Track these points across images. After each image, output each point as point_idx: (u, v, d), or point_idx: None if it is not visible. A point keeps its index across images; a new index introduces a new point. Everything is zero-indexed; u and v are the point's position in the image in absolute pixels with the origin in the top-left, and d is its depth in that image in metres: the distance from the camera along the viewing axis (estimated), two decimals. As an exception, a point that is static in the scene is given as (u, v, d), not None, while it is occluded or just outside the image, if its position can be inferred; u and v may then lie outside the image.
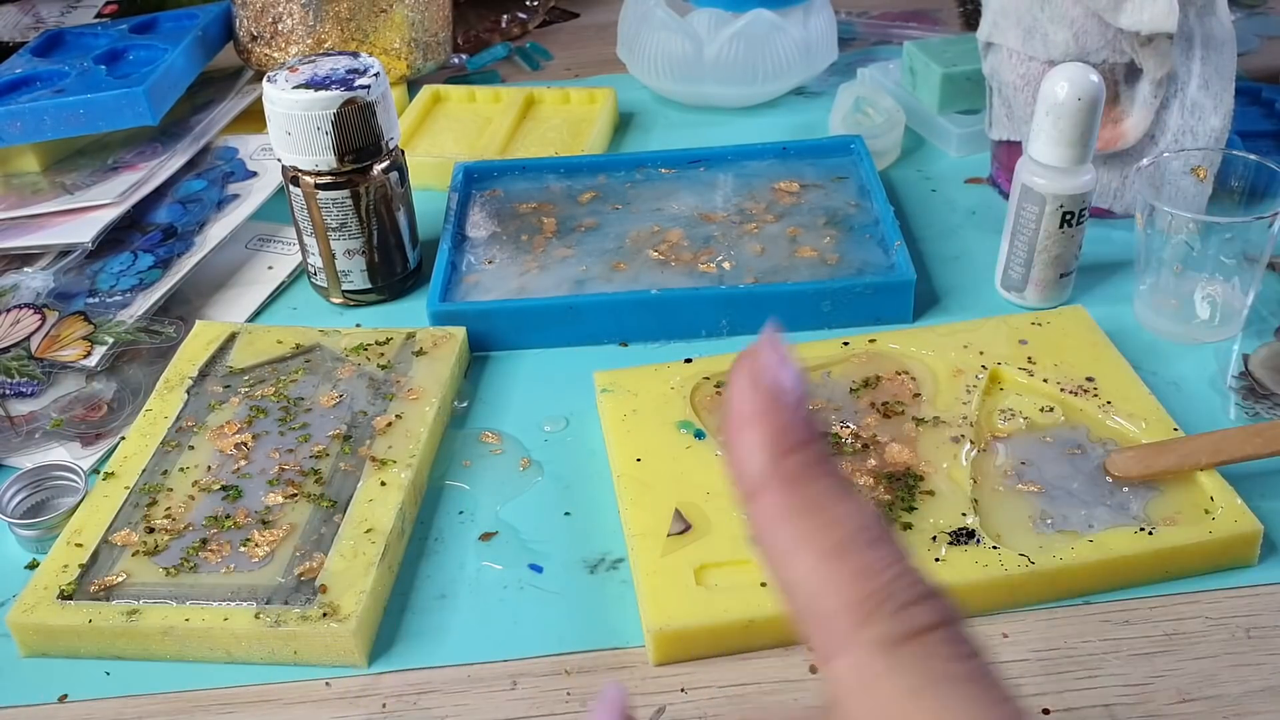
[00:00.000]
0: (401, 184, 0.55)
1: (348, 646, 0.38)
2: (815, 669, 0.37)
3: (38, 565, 0.43)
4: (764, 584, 0.38)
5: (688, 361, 0.49)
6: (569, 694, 0.37)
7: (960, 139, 0.65)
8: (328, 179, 0.52)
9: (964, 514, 0.40)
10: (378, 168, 0.53)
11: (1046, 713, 0.35)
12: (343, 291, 0.56)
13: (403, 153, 0.55)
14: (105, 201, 0.59)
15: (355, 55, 0.53)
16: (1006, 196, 0.58)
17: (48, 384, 0.51)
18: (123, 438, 0.47)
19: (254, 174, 0.63)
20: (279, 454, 0.45)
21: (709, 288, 0.53)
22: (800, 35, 0.69)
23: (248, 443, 0.46)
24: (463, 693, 0.37)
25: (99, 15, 0.82)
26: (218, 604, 0.39)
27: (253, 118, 0.68)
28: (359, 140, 0.52)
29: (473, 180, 0.62)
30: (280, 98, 0.51)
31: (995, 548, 0.39)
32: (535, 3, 0.87)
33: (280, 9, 0.69)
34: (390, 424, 0.46)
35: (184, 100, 0.67)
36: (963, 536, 0.39)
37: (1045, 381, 0.46)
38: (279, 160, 0.53)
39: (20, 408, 0.50)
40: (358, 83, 0.51)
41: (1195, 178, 0.52)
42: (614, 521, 0.43)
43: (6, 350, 0.52)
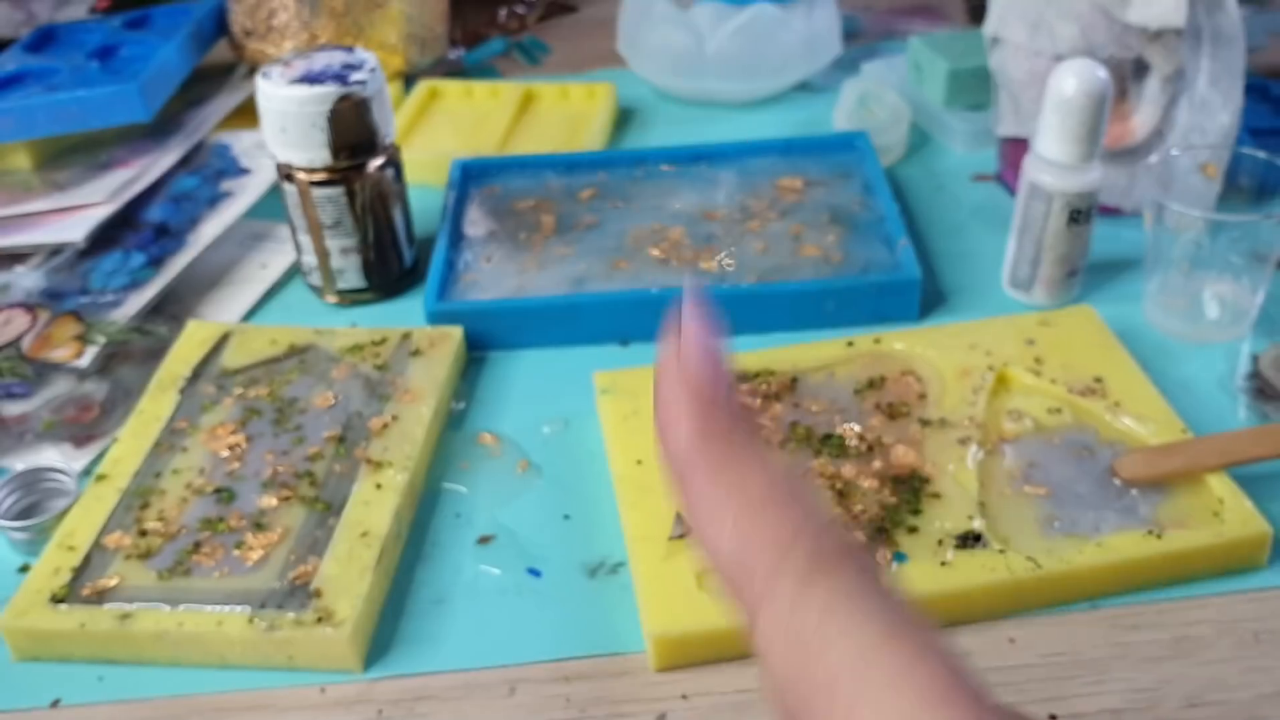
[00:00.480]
0: (397, 181, 0.54)
1: (343, 652, 0.37)
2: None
3: (29, 569, 0.42)
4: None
5: (689, 361, 0.48)
6: (568, 700, 0.37)
7: (966, 135, 0.65)
8: (322, 176, 0.52)
9: (971, 517, 0.40)
10: (373, 164, 0.53)
11: (1054, 718, 0.35)
12: (337, 290, 0.55)
13: (399, 149, 0.55)
14: (97, 199, 0.59)
15: (350, 50, 0.53)
16: (1014, 194, 0.58)
17: (39, 385, 0.50)
18: (115, 439, 0.46)
19: (247, 171, 0.62)
20: (273, 456, 0.45)
21: (711, 287, 0.52)
22: (803, 30, 0.68)
23: (241, 444, 0.45)
24: (460, 699, 0.37)
25: (92, 11, 0.82)
26: (211, 608, 0.38)
27: (246, 114, 0.67)
28: (354, 136, 0.51)
29: (470, 177, 0.62)
30: (274, 94, 0.50)
31: (1002, 551, 0.39)
32: (534, -3, 0.87)
33: (274, 4, 0.69)
34: (386, 425, 0.45)
35: (177, 96, 0.67)
36: (969, 540, 0.39)
37: (1053, 382, 0.46)
38: (273, 157, 0.53)
39: (12, 409, 0.49)
40: (353, 78, 0.50)
41: (1204, 175, 0.52)
42: (614, 525, 0.42)
43: (-2, 350, 0.52)
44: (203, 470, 0.44)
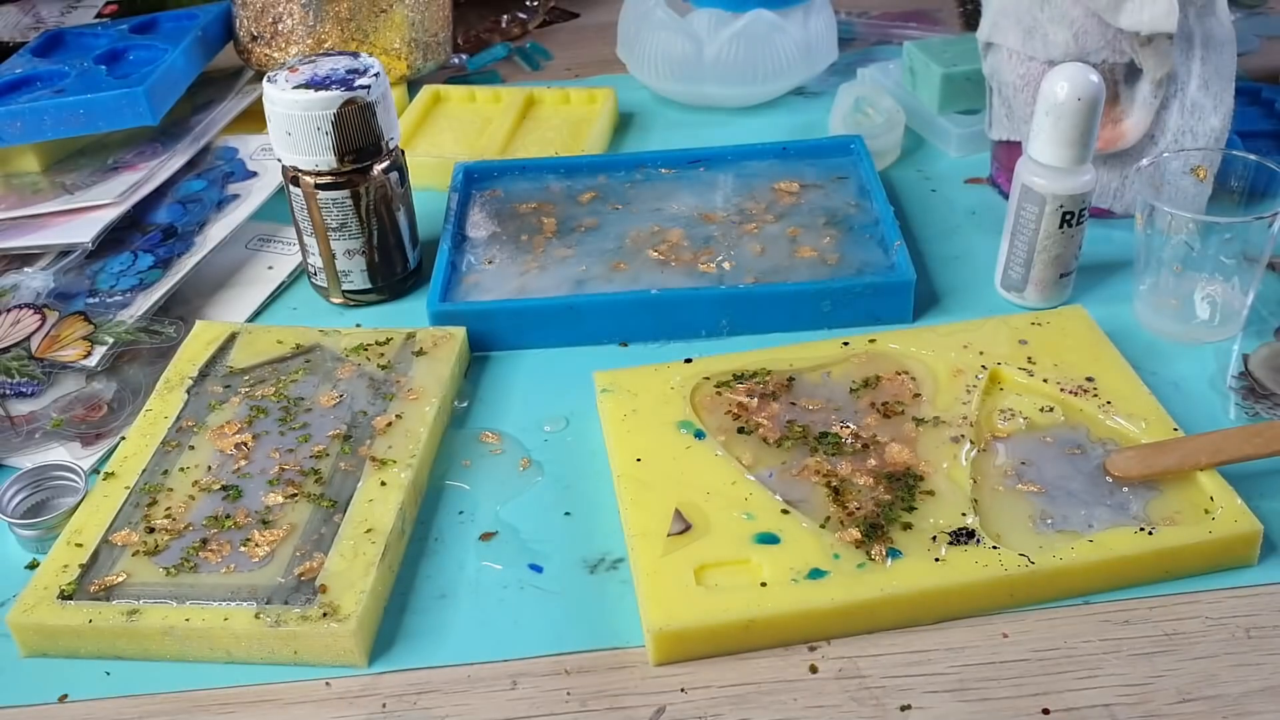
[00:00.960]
0: (401, 184, 0.55)
1: (348, 646, 0.38)
2: (815, 669, 0.37)
3: (38, 565, 0.43)
4: (764, 584, 0.38)
5: (688, 361, 0.49)
6: (569, 694, 0.37)
7: (960, 139, 0.65)
8: (328, 179, 0.52)
9: (964, 514, 0.40)
10: (378, 168, 0.53)
11: (1046, 713, 0.36)
12: (343, 291, 0.56)
13: (403, 153, 0.55)
14: (105, 201, 0.60)
15: (355, 55, 0.53)
16: (1006, 196, 0.58)
17: (48, 384, 0.51)
18: (123, 438, 0.47)
19: (254, 174, 0.63)
20: (279, 454, 0.45)
21: (709, 288, 0.53)
22: (800, 35, 0.69)
23: (248, 443, 0.46)
24: (463, 693, 0.37)
25: (99, 15, 0.82)
26: (218, 604, 0.39)
27: (253, 118, 0.68)
28: (359, 140, 0.52)
29: (473, 180, 0.62)
30: (280, 98, 0.51)
31: (995, 548, 0.39)
32: (535, 3, 0.87)
33: (280, 9, 0.69)
34: (390, 424, 0.46)
35: (184, 100, 0.67)
36: (963, 536, 0.40)
37: (1045, 381, 0.46)
38: (279, 160, 0.53)
39: (20, 408, 0.50)
40: (358, 83, 0.51)
41: (1195, 178, 0.52)
42: (614, 521, 0.43)
43: (6, 350, 0.52)
44: (210, 468, 0.45)
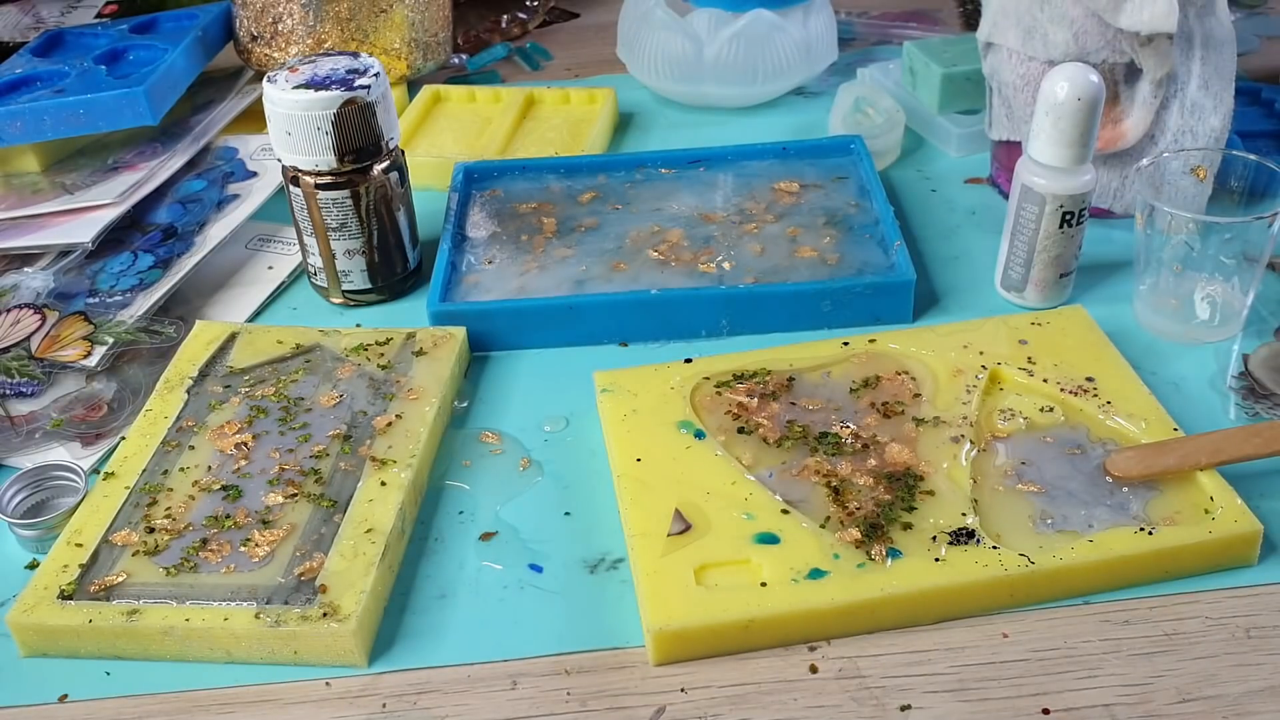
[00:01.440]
0: (401, 184, 0.55)
1: (348, 646, 0.38)
2: (815, 669, 0.37)
3: (38, 565, 0.43)
4: (764, 584, 0.38)
5: (688, 361, 0.49)
6: (569, 694, 0.37)
7: (960, 139, 0.65)
8: (328, 179, 0.52)
9: (964, 514, 0.40)
10: (378, 168, 0.53)
11: (1046, 713, 0.36)
12: (343, 291, 0.56)
13: (403, 153, 0.55)
14: (105, 201, 0.60)
15: (355, 55, 0.53)
16: (1006, 197, 0.58)
17: (48, 384, 0.51)
18: (123, 438, 0.47)
19: (254, 174, 0.63)
20: (279, 454, 0.45)
21: (709, 288, 0.53)
22: (800, 35, 0.69)
23: (248, 443, 0.46)
24: (463, 692, 0.37)
25: (99, 15, 0.82)
26: (218, 604, 0.39)
27: (253, 118, 0.68)
28: (359, 140, 0.52)
29: (473, 180, 0.62)
30: (280, 98, 0.51)
31: (995, 548, 0.39)
32: (535, 3, 0.87)
33: (280, 9, 0.69)
34: (390, 424, 0.46)
35: (184, 100, 0.67)
36: (963, 536, 0.40)
37: (1045, 381, 0.46)
38: (279, 160, 0.53)
39: (20, 408, 0.50)
40: (358, 83, 0.51)
41: (1195, 178, 0.52)
42: (614, 521, 0.43)
43: (6, 350, 0.53)
44: (210, 468, 0.45)
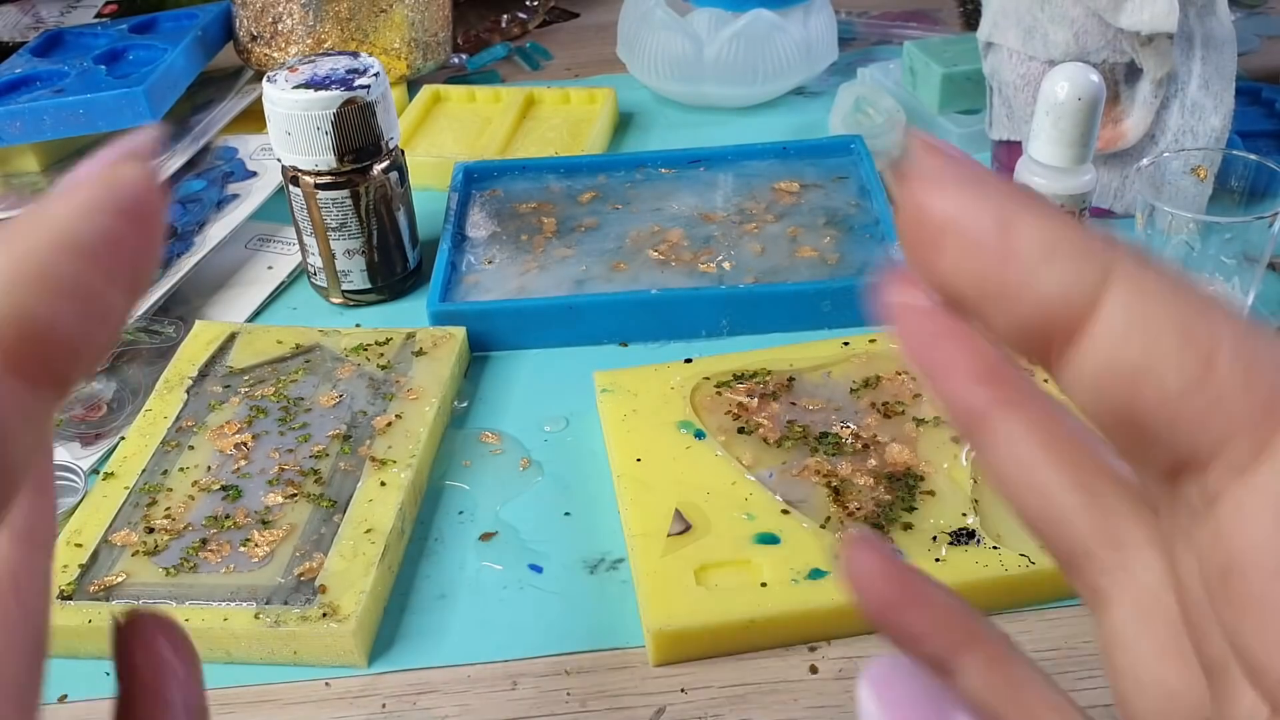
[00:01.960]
0: (401, 184, 0.55)
1: (347, 646, 0.38)
2: (815, 669, 0.37)
3: (37, 565, 0.43)
4: (764, 584, 0.38)
5: (688, 361, 0.49)
6: (569, 694, 0.37)
7: (960, 139, 0.65)
8: (327, 179, 0.52)
9: (964, 514, 0.40)
10: (378, 168, 0.53)
11: (1047, 713, 0.35)
12: (342, 291, 0.56)
13: (403, 153, 0.55)
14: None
15: (355, 55, 0.53)
16: (1006, 196, 0.58)
17: (47, 384, 0.51)
18: (122, 438, 0.47)
19: (254, 174, 0.63)
20: (279, 454, 0.45)
21: (709, 288, 0.53)
22: (800, 35, 0.69)
23: (247, 443, 0.46)
24: (463, 693, 0.37)
25: (99, 15, 0.82)
26: (217, 604, 0.39)
27: (252, 118, 0.68)
28: (359, 140, 0.52)
29: (473, 180, 0.62)
30: (280, 98, 0.51)
31: (996, 548, 0.39)
32: (535, 3, 0.87)
33: (280, 9, 0.69)
34: (390, 424, 0.46)
35: (184, 100, 0.67)
36: (963, 536, 0.40)
37: (1046, 381, 0.46)
38: (279, 160, 0.53)
39: (20, 408, 0.50)
40: (357, 83, 0.51)
41: (1195, 178, 0.52)
42: (614, 521, 0.43)
43: (6, 350, 0.52)
44: (209, 468, 0.45)
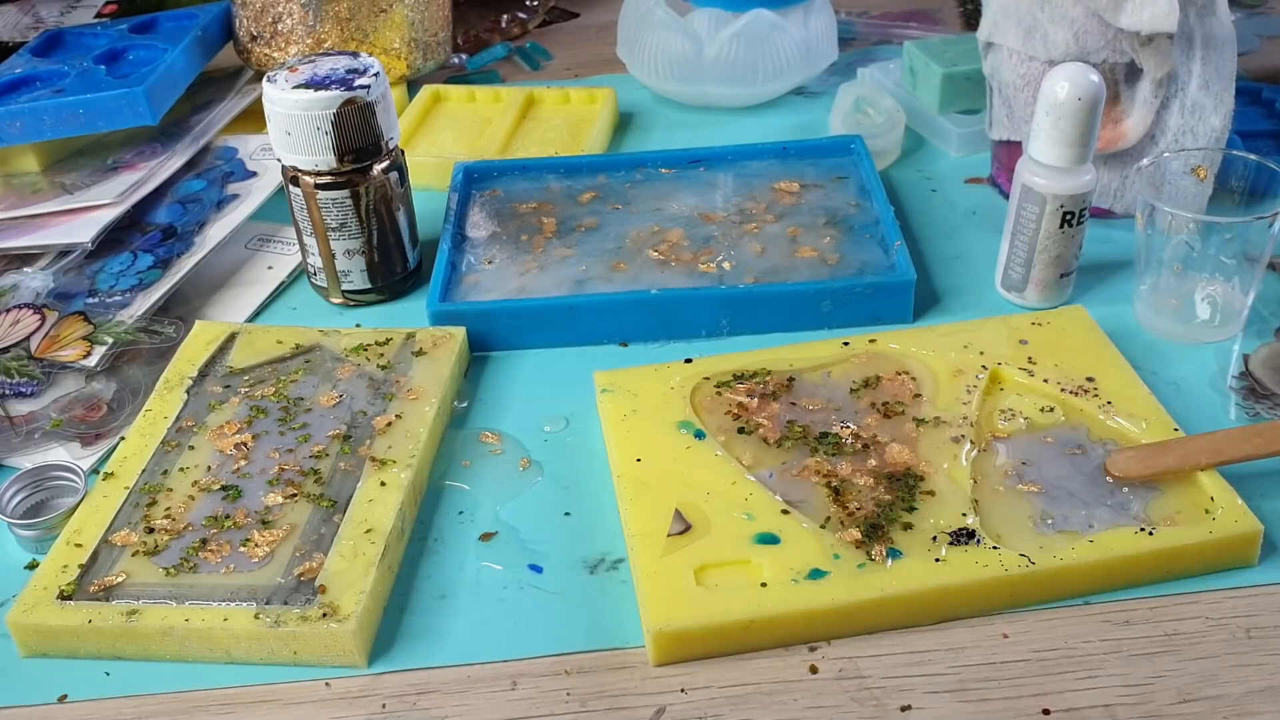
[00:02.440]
0: (401, 184, 0.55)
1: (347, 647, 0.38)
2: (815, 669, 0.37)
3: (37, 565, 0.43)
4: (764, 584, 0.38)
5: (688, 361, 0.49)
6: (569, 694, 0.37)
7: (960, 139, 0.65)
8: (327, 179, 0.52)
9: (964, 514, 0.40)
10: (377, 168, 0.53)
11: (1047, 713, 0.35)
12: (342, 291, 0.56)
13: (402, 153, 0.55)
14: (105, 201, 0.60)
15: (355, 55, 0.53)
16: (1007, 196, 0.58)
17: (47, 384, 0.51)
18: (122, 438, 0.47)
19: (254, 174, 0.63)
20: (279, 454, 0.45)
21: (709, 288, 0.53)
22: (800, 35, 0.69)
23: (247, 443, 0.46)
24: (462, 693, 0.37)
25: (98, 15, 0.82)
26: (217, 604, 0.39)
27: (252, 118, 0.68)
28: (359, 140, 0.52)
29: (472, 180, 0.62)
30: (280, 98, 0.51)
31: (995, 548, 0.39)
32: (535, 3, 0.87)
33: (280, 9, 0.69)
34: (390, 424, 0.46)
35: (184, 100, 0.67)
36: (963, 536, 0.40)
37: (1045, 381, 0.46)
38: (279, 160, 0.53)
39: (20, 408, 0.50)
40: (357, 83, 0.51)
41: (1195, 178, 0.52)
42: (614, 522, 0.43)
43: (6, 350, 0.52)
44: (209, 468, 0.45)
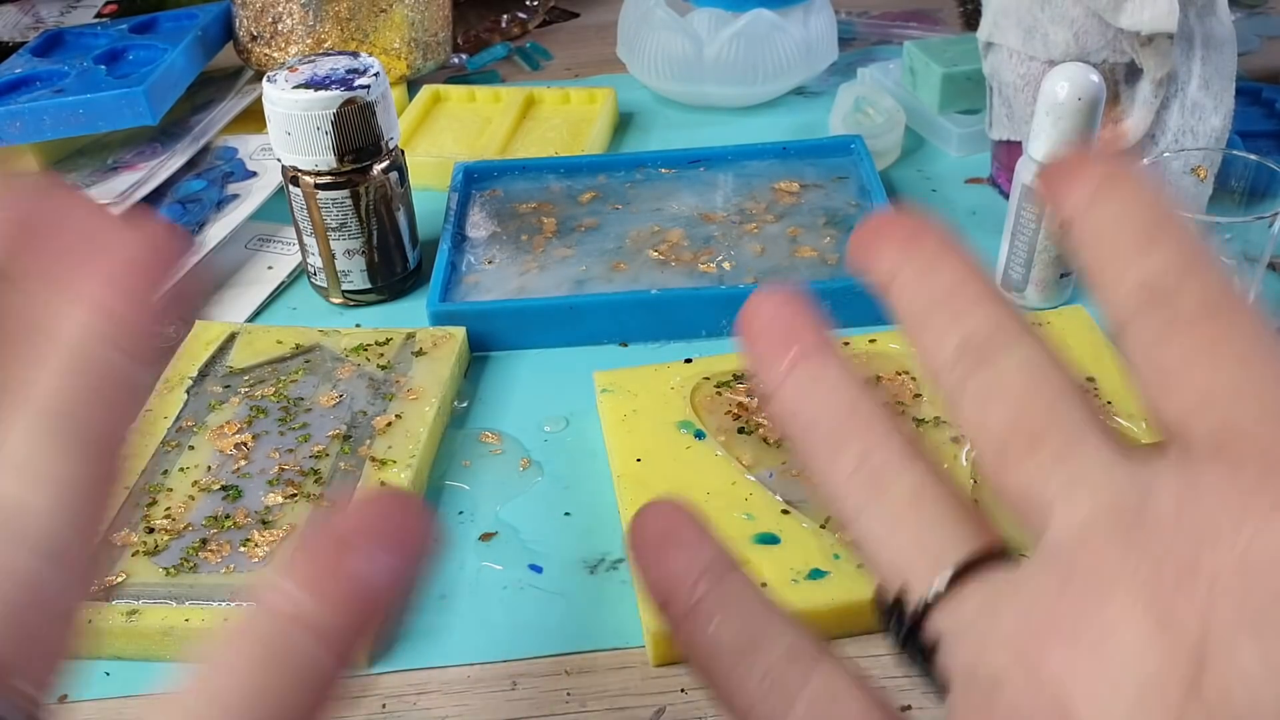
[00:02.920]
0: (401, 184, 0.55)
1: (348, 647, 0.38)
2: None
3: (38, 565, 0.43)
4: (764, 584, 0.38)
5: (688, 361, 0.49)
6: (569, 694, 0.37)
7: (960, 139, 0.65)
8: (327, 179, 0.52)
9: (964, 514, 0.40)
10: (377, 168, 0.53)
11: (1046, 713, 0.35)
12: (342, 291, 0.56)
13: (402, 153, 0.55)
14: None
15: (355, 55, 0.53)
16: (1007, 197, 0.58)
17: (48, 384, 0.51)
18: (122, 438, 0.47)
19: (254, 174, 0.63)
20: (279, 454, 0.45)
21: (709, 288, 0.53)
22: (800, 35, 0.69)
23: (247, 443, 0.46)
24: (463, 693, 0.37)
25: (98, 15, 0.82)
26: (217, 604, 0.39)
27: (252, 118, 0.68)
28: (359, 140, 0.52)
29: (472, 180, 0.62)
30: (280, 98, 0.51)
31: (995, 548, 0.39)
32: (535, 3, 0.87)
33: (280, 9, 0.69)
34: (390, 424, 0.46)
35: (184, 100, 0.67)
36: (963, 536, 0.39)
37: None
38: (279, 160, 0.53)
39: (20, 408, 0.50)
40: (357, 83, 0.51)
41: (1195, 178, 0.52)
42: (614, 522, 0.43)
43: (6, 350, 0.52)
44: (209, 468, 0.45)
